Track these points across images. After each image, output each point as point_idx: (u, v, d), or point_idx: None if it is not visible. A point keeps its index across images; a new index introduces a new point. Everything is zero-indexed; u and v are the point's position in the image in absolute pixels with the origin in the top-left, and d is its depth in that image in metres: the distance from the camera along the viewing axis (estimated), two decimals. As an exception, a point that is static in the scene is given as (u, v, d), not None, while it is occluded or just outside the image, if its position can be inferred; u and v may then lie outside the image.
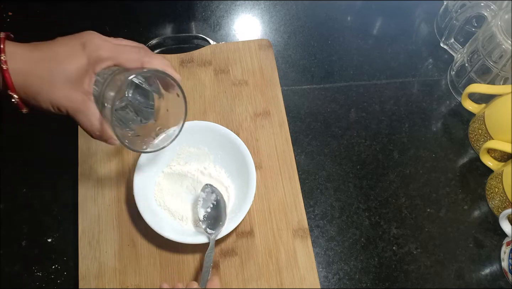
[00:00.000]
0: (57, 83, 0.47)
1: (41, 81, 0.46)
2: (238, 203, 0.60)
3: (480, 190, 0.68)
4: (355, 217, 0.65)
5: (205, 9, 0.81)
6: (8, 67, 0.45)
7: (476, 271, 0.62)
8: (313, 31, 0.80)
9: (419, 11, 0.83)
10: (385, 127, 0.72)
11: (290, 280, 0.58)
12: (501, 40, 0.64)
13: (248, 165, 0.60)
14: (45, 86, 0.46)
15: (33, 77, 0.46)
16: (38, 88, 0.46)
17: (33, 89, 0.46)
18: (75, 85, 0.47)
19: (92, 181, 0.63)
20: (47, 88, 0.46)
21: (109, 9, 0.80)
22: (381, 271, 0.62)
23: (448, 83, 0.76)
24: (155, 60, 0.49)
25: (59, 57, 0.47)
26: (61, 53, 0.47)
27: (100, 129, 0.49)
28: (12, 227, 0.62)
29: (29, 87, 0.46)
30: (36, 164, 0.66)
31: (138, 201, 0.58)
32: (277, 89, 0.71)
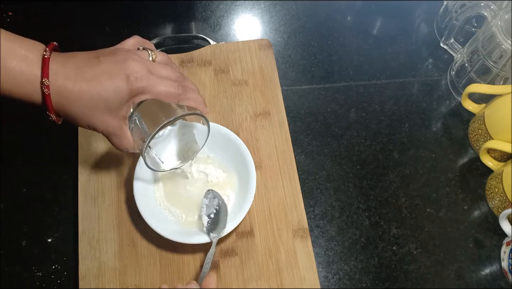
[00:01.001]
0: (98, 111, 0.48)
1: (81, 108, 0.47)
2: (238, 203, 0.60)
3: (480, 190, 0.68)
4: (355, 217, 0.65)
5: (205, 9, 0.81)
6: (50, 92, 0.45)
7: (476, 271, 0.62)
8: (313, 31, 0.80)
9: (419, 11, 0.83)
10: (385, 127, 0.72)
11: (290, 280, 0.58)
12: (501, 40, 0.64)
13: (248, 165, 0.60)
14: (86, 112, 0.47)
15: (75, 103, 0.47)
16: (79, 113, 0.47)
17: (73, 113, 0.47)
18: (114, 113, 0.49)
19: (92, 180, 0.63)
20: (87, 114, 0.47)
21: (109, 9, 0.80)
22: (381, 271, 0.62)
23: (448, 83, 0.76)
24: (191, 95, 0.52)
25: (102, 87, 0.47)
26: (105, 84, 0.47)
27: (129, 149, 0.52)
28: (12, 227, 0.62)
29: (69, 111, 0.47)
30: (36, 164, 0.66)
31: (138, 201, 0.58)
32: (277, 89, 0.71)
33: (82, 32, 0.77)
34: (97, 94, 0.47)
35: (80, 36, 0.77)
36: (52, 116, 0.47)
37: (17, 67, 0.44)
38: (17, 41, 0.46)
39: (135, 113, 0.50)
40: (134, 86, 0.48)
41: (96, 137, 0.66)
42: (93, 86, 0.47)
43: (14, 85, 0.44)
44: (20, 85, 0.44)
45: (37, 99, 0.46)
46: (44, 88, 0.45)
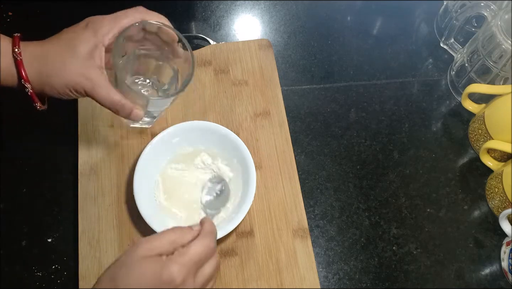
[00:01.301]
0: (70, 64, 0.49)
1: (53, 65, 0.49)
2: (238, 203, 0.60)
3: (480, 190, 0.68)
4: (355, 217, 0.65)
5: (205, 9, 0.81)
6: (22, 58, 0.48)
7: (476, 271, 0.62)
8: (313, 31, 0.80)
9: (419, 11, 0.83)
10: (385, 127, 0.72)
11: (290, 280, 0.58)
12: (501, 40, 0.64)
13: (248, 165, 0.60)
14: (59, 69, 0.49)
15: (46, 63, 0.49)
16: (52, 72, 0.49)
17: (47, 74, 0.49)
18: (87, 62, 0.49)
19: (92, 181, 0.63)
20: (61, 71, 0.49)
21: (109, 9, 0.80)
22: (381, 271, 0.62)
23: (448, 83, 0.76)
24: (154, 16, 0.53)
25: (67, 41, 0.50)
26: (68, 38, 0.50)
27: (121, 101, 0.51)
28: (12, 227, 0.62)
29: (43, 74, 0.49)
30: (36, 164, 0.66)
31: (138, 201, 0.58)
32: (277, 89, 0.71)
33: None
34: (64, 47, 0.49)
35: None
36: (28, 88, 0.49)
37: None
38: None
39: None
40: (95, 28, 0.51)
41: (96, 138, 0.66)
42: (58, 42, 0.50)
43: None
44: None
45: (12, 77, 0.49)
46: (16, 56, 0.48)
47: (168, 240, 0.43)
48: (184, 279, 0.41)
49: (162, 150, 0.62)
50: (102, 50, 0.50)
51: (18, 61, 0.48)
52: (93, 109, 0.67)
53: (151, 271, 0.41)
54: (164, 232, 0.45)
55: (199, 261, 0.43)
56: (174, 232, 0.44)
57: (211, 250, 0.45)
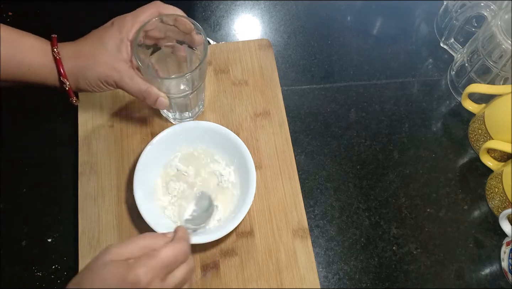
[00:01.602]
0: (100, 58, 0.54)
1: (87, 61, 0.54)
2: (238, 203, 0.60)
3: (480, 190, 0.68)
4: (355, 217, 0.65)
5: (205, 9, 0.81)
6: (60, 57, 0.54)
7: (476, 271, 0.62)
8: (313, 31, 0.80)
9: (419, 11, 0.83)
10: (385, 127, 0.72)
11: (290, 280, 0.58)
12: (501, 40, 0.64)
13: (248, 165, 0.60)
14: (91, 63, 0.54)
15: (80, 59, 0.54)
16: (86, 66, 0.54)
17: (82, 69, 0.54)
18: (116, 56, 0.55)
19: (92, 181, 0.63)
20: (93, 64, 0.54)
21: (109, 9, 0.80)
22: (381, 271, 0.62)
23: (448, 83, 0.76)
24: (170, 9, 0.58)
25: (96, 39, 0.56)
26: (98, 36, 0.56)
27: (147, 89, 0.56)
28: (12, 227, 0.62)
29: (79, 69, 0.54)
30: (36, 164, 0.66)
31: (138, 201, 0.58)
32: (277, 89, 0.71)
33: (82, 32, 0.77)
34: (95, 44, 0.55)
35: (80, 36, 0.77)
36: (67, 84, 0.55)
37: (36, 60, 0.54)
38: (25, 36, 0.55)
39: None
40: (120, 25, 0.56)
41: (96, 138, 0.66)
42: (89, 41, 0.56)
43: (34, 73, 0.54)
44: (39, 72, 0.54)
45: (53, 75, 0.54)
46: (55, 55, 0.54)
47: (138, 245, 0.43)
48: (150, 281, 0.41)
49: (162, 150, 0.62)
50: (127, 44, 0.55)
51: (57, 59, 0.54)
52: (93, 109, 0.67)
53: (116, 273, 0.40)
54: (136, 237, 0.44)
55: (168, 265, 0.43)
56: (145, 238, 0.44)
57: (182, 255, 0.44)
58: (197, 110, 0.67)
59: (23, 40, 0.54)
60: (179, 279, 0.44)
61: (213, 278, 0.58)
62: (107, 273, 0.40)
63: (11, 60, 0.53)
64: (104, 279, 0.40)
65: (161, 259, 0.42)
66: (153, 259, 0.42)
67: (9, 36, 0.53)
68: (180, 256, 0.44)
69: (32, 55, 0.54)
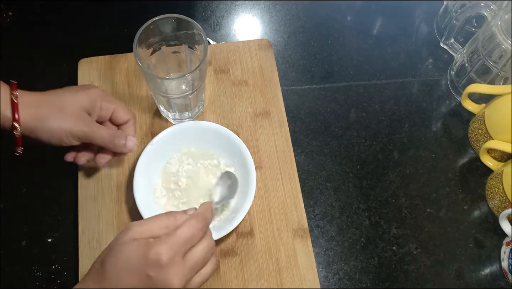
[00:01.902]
0: (66, 109, 0.53)
1: (49, 110, 0.52)
2: (238, 203, 0.60)
3: (480, 190, 0.68)
4: (355, 217, 0.65)
5: (205, 9, 0.81)
6: (18, 101, 0.50)
7: (476, 271, 0.62)
8: (313, 31, 0.80)
9: (419, 11, 0.83)
10: (385, 127, 0.72)
11: (290, 280, 0.58)
12: (501, 40, 0.64)
13: (248, 166, 0.60)
14: (54, 113, 0.52)
15: (42, 108, 0.52)
16: (49, 117, 0.52)
17: (43, 120, 0.51)
18: (81, 109, 0.54)
19: (92, 181, 0.63)
20: (57, 115, 0.52)
21: (109, 9, 0.80)
22: (381, 271, 0.62)
23: (448, 83, 0.76)
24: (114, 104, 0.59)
25: (63, 91, 0.55)
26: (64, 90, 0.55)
27: (116, 132, 0.57)
28: (12, 227, 0.62)
29: (39, 118, 0.51)
30: (36, 164, 0.66)
31: (138, 201, 0.58)
32: (277, 89, 0.71)
33: (82, 32, 0.77)
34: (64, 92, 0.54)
35: (80, 36, 0.77)
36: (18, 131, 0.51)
37: None
38: None
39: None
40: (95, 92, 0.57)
41: (96, 137, 0.66)
42: (58, 92, 0.54)
43: None
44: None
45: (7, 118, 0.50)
46: (13, 98, 0.50)
47: (159, 224, 0.44)
48: (171, 258, 0.41)
49: (163, 150, 0.62)
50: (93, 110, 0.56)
51: (14, 103, 0.50)
52: (93, 109, 0.67)
53: (138, 251, 0.41)
54: (157, 216, 0.45)
55: (187, 242, 0.43)
56: (167, 217, 0.45)
57: (198, 231, 0.44)
58: (197, 111, 0.67)
59: None
60: (199, 256, 0.44)
61: (213, 278, 0.58)
62: (129, 251, 0.41)
63: None
64: (126, 257, 0.41)
65: (179, 236, 0.42)
66: (173, 237, 0.42)
67: None
68: (199, 232, 0.44)
69: None
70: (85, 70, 0.71)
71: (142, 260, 0.41)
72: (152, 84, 0.60)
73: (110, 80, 0.70)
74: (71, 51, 0.73)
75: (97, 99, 0.55)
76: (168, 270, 0.41)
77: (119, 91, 0.70)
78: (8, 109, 0.50)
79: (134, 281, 0.41)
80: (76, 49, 0.73)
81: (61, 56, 0.74)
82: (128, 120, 0.59)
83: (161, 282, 0.41)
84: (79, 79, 0.70)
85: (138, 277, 0.41)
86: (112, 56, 0.72)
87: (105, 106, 0.57)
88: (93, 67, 0.71)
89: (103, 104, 0.56)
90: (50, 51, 0.75)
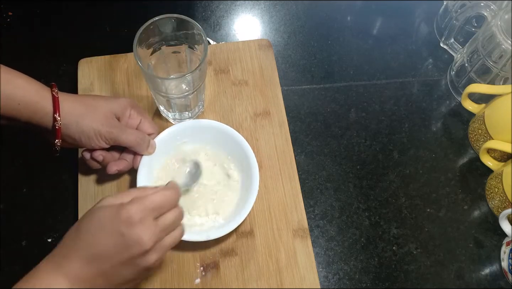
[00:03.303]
0: (100, 111, 0.55)
1: (86, 109, 0.55)
2: (240, 202, 0.60)
3: (480, 190, 0.68)
4: (355, 217, 0.65)
5: (205, 9, 0.81)
6: (58, 96, 0.53)
7: (476, 271, 0.62)
8: (313, 31, 0.80)
9: (419, 11, 0.83)
10: (385, 127, 0.72)
11: (290, 280, 0.58)
12: (501, 40, 0.64)
13: (252, 166, 0.60)
14: (90, 112, 0.54)
15: (79, 106, 0.55)
16: (84, 114, 0.54)
17: (78, 116, 0.54)
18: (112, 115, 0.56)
19: (92, 181, 0.63)
20: (92, 114, 0.54)
21: (109, 9, 0.80)
22: (381, 271, 0.62)
23: (448, 83, 0.76)
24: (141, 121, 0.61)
25: (98, 96, 0.59)
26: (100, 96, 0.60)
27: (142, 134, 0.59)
28: (12, 227, 0.62)
29: (74, 114, 0.54)
30: (36, 164, 0.66)
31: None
32: (277, 89, 0.71)
33: (82, 32, 0.77)
34: (100, 96, 0.57)
35: (80, 36, 0.77)
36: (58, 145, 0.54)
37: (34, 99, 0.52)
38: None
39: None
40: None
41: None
42: (94, 97, 0.57)
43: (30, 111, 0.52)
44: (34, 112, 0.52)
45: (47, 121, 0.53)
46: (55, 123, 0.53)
47: (130, 194, 0.46)
48: (142, 218, 0.43)
49: (163, 149, 0.62)
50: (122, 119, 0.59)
51: (55, 97, 0.52)
52: (93, 109, 0.67)
53: (111, 212, 0.43)
54: (129, 189, 0.48)
55: (158, 207, 0.45)
56: (138, 189, 0.48)
57: (171, 200, 0.47)
58: (197, 111, 0.67)
59: (21, 77, 0.53)
60: (170, 221, 0.46)
61: (213, 278, 0.58)
62: (101, 213, 0.44)
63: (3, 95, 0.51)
64: (98, 219, 0.43)
65: (151, 200, 0.45)
66: (144, 200, 0.44)
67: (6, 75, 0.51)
68: (170, 200, 0.47)
69: (29, 90, 0.52)
70: (85, 70, 0.71)
71: (115, 219, 0.43)
72: (152, 84, 0.60)
73: (110, 80, 0.70)
74: (71, 51, 0.73)
75: (127, 107, 0.58)
76: (139, 227, 0.43)
77: (119, 91, 0.70)
78: (49, 103, 0.52)
79: (108, 240, 0.43)
80: (76, 49, 0.73)
81: (61, 56, 0.74)
82: (152, 134, 0.61)
83: (132, 239, 0.43)
84: (79, 79, 0.70)
85: (110, 234, 0.43)
86: (112, 56, 0.72)
87: (134, 115, 0.59)
88: (93, 67, 0.71)
89: (132, 113, 0.59)
90: (50, 51, 0.75)
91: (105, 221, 0.43)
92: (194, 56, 0.62)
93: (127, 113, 0.59)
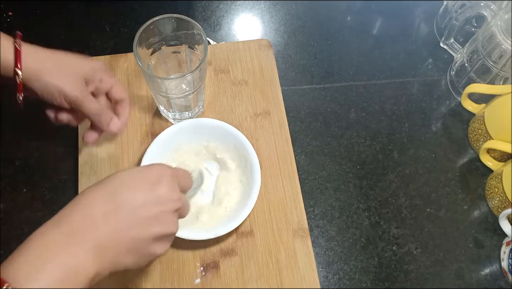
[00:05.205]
0: (67, 70, 0.53)
1: (51, 65, 0.52)
2: (240, 201, 0.60)
3: (480, 190, 0.68)
4: (355, 217, 0.65)
5: (205, 9, 0.81)
6: (21, 49, 0.50)
7: (476, 271, 0.62)
8: (313, 31, 0.80)
9: (419, 11, 0.83)
10: (385, 127, 0.72)
11: (290, 280, 0.58)
12: (501, 40, 0.64)
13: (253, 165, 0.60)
14: (55, 70, 0.52)
15: (43, 62, 0.52)
16: (48, 71, 0.51)
17: (42, 72, 0.51)
18: (81, 76, 0.54)
19: (92, 181, 0.63)
20: (56, 72, 0.52)
21: (109, 9, 0.80)
22: (381, 271, 0.62)
23: (448, 83, 0.76)
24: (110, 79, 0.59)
25: (66, 54, 0.55)
26: (69, 53, 0.55)
27: (103, 108, 0.57)
28: (12, 227, 0.62)
29: (38, 69, 0.51)
30: (36, 164, 0.66)
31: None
32: (277, 89, 0.71)
33: (82, 32, 0.77)
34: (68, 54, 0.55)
35: (80, 36, 0.77)
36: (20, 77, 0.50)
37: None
38: None
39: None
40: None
41: (96, 137, 0.66)
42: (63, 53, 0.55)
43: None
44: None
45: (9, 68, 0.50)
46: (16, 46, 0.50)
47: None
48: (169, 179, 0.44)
49: (164, 149, 0.62)
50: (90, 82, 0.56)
51: (17, 50, 0.50)
52: (93, 109, 0.67)
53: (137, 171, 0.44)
54: None
55: (182, 176, 0.47)
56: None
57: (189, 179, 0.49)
58: (197, 111, 0.67)
59: None
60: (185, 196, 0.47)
61: (213, 278, 0.58)
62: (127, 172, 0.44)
63: None
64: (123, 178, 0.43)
65: (176, 170, 0.46)
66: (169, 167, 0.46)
67: None
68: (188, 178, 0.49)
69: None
70: (85, 70, 0.71)
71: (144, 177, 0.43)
72: (152, 84, 0.60)
73: (110, 80, 0.70)
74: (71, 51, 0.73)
75: (98, 71, 0.56)
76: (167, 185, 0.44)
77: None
78: (11, 56, 0.50)
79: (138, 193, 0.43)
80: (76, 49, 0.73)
81: (61, 56, 0.74)
82: (124, 98, 0.59)
83: (161, 192, 0.43)
84: (79, 79, 0.70)
85: (141, 188, 0.43)
86: (112, 56, 0.72)
87: (105, 79, 0.57)
88: (93, 67, 0.71)
89: (103, 76, 0.57)
90: (50, 51, 0.75)
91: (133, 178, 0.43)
92: (194, 56, 0.62)
93: (98, 76, 0.56)
